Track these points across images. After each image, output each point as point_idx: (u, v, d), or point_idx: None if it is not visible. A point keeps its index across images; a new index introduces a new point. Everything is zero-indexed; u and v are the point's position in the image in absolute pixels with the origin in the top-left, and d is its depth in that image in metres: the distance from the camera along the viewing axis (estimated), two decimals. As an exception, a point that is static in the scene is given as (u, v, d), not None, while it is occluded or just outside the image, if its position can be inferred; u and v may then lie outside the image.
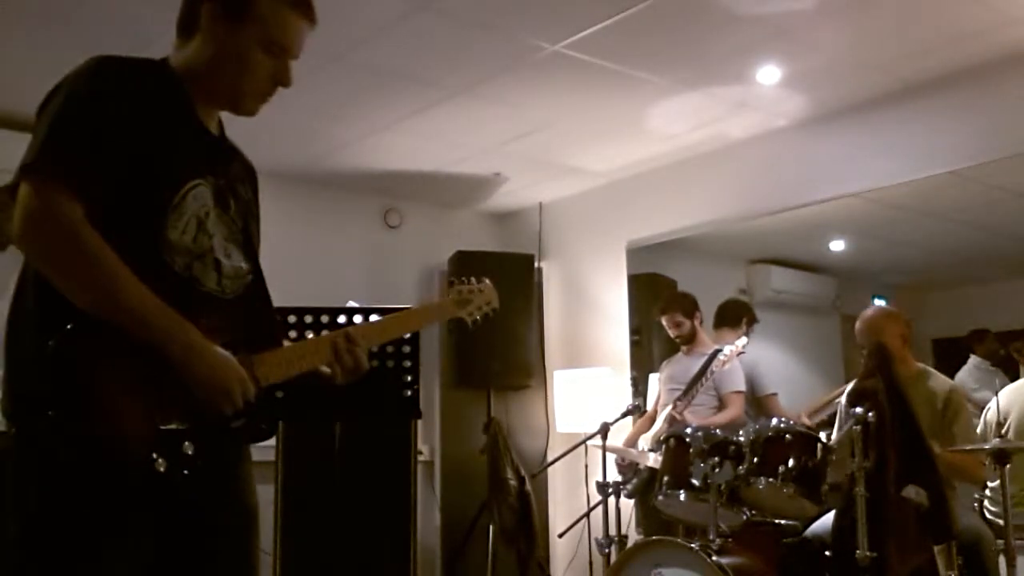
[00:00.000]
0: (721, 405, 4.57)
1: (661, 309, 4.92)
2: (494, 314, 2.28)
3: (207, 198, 1.70)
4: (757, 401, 4.68)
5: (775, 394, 4.69)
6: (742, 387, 4.58)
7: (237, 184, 1.83)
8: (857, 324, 3.96)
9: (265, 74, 1.75)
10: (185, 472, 1.55)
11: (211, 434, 1.61)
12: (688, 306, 4.83)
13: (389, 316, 2.03)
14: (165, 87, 1.70)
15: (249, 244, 1.82)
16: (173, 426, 1.55)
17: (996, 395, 3.72)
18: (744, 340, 4.54)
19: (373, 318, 3.66)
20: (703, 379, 4.48)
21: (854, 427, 3.21)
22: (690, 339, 4.81)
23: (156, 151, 1.63)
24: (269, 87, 1.78)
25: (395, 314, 2.05)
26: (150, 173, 1.62)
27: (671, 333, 4.86)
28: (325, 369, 1.85)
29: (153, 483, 1.52)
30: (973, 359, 4.49)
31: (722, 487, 3.52)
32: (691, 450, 3.64)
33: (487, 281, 2.29)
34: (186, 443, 1.56)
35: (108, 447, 1.48)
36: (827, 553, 3.47)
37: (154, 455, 1.51)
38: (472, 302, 2.24)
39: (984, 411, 3.99)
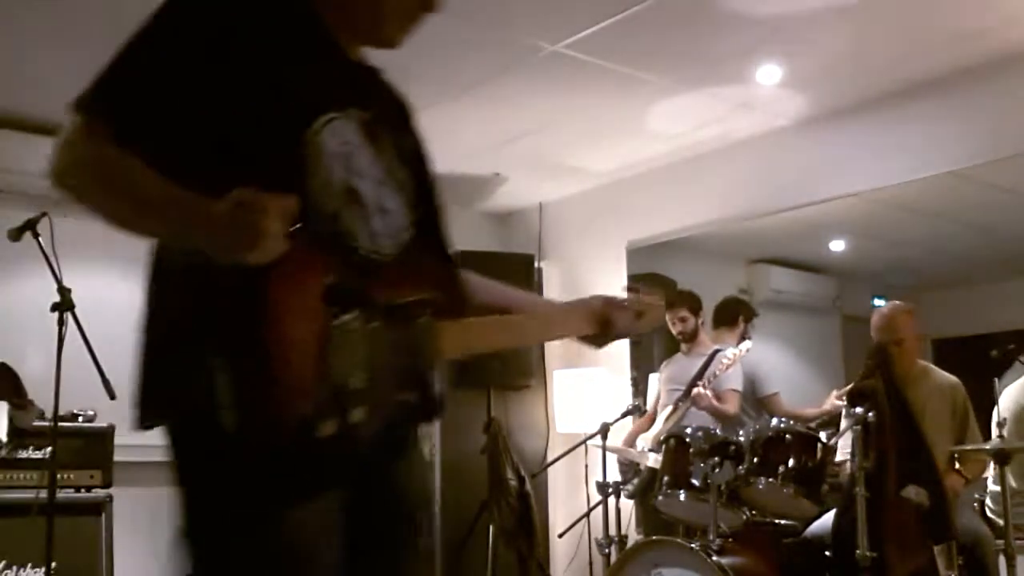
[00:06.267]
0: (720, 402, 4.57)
1: (668, 304, 4.91)
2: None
3: (350, 134, 1.41)
4: (760, 401, 4.68)
5: (777, 393, 4.69)
6: (738, 386, 4.58)
7: (394, 119, 1.58)
8: (874, 318, 3.96)
9: None
10: (356, 440, 1.30)
11: (385, 403, 1.34)
12: (694, 303, 4.84)
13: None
14: (290, 7, 1.45)
15: (410, 189, 1.53)
16: (348, 387, 1.28)
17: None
18: (748, 344, 4.54)
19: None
20: (703, 381, 4.49)
21: (854, 427, 3.22)
22: (691, 338, 4.81)
23: (276, 78, 1.35)
24: (415, 10, 1.57)
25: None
26: (272, 105, 1.34)
27: (675, 329, 4.85)
28: None
29: (323, 448, 1.27)
30: None
31: (722, 487, 3.52)
32: (691, 450, 3.64)
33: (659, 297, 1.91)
34: (356, 409, 1.29)
35: (284, 408, 1.23)
36: (827, 553, 3.48)
37: (321, 418, 1.25)
38: (647, 315, 1.87)
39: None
